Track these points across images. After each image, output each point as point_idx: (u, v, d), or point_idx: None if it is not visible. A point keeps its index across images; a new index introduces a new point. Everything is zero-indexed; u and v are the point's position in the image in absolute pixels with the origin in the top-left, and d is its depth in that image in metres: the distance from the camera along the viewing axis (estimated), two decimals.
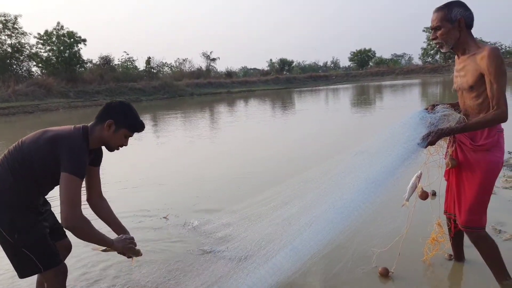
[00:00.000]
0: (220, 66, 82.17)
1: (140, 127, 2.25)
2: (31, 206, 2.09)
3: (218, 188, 5.20)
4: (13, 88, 26.61)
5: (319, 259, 2.19)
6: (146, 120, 17.24)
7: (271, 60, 66.13)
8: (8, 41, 33.32)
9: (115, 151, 2.26)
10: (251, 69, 72.83)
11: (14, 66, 33.66)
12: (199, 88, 41.25)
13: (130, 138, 2.25)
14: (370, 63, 70.30)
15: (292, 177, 2.94)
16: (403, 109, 14.20)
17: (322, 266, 2.63)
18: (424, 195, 2.65)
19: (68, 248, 2.40)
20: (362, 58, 69.79)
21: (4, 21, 32.85)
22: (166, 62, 49.84)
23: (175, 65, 51.01)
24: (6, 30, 33.14)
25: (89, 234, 2.02)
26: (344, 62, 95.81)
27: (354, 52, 70.40)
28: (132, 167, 7.03)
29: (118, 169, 6.66)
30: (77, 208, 1.96)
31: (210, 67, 52.87)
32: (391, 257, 2.72)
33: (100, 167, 2.37)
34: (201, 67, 51.07)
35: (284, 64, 64.26)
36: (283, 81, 53.01)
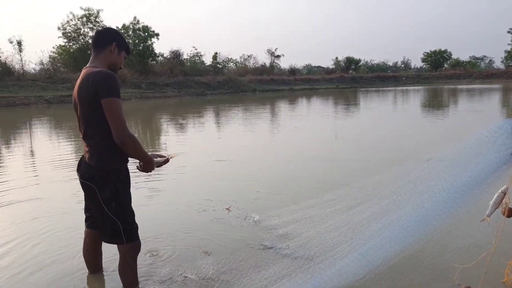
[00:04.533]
0: (284, 63, 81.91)
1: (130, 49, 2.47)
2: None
3: (279, 184, 5.17)
4: None
5: (388, 267, 2.08)
6: (210, 111, 17.73)
7: (336, 58, 64.52)
8: (90, 34, 35.90)
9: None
10: (315, 66, 71.75)
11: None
12: (261, 85, 41.56)
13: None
14: (445, 65, 65.91)
15: (359, 180, 2.83)
16: (480, 115, 13.19)
17: (392, 274, 2.48)
18: (509, 213, 2.40)
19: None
20: (437, 59, 65.59)
21: (87, 15, 35.51)
22: (231, 58, 50.87)
23: (240, 61, 51.89)
24: (88, 23, 35.80)
25: (139, 145, 2.20)
26: (416, 62, 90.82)
27: (427, 53, 66.46)
28: (197, 157, 7.23)
29: (183, 158, 6.90)
30: (126, 124, 2.14)
31: (274, 63, 53.03)
32: (469, 275, 2.49)
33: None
34: (265, 63, 51.43)
35: (351, 62, 62.44)
36: (348, 80, 51.65)
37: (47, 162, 7.03)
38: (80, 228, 3.41)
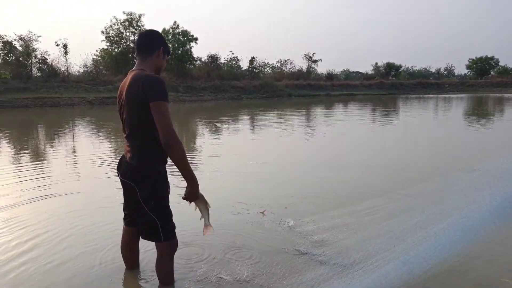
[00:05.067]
0: (321, 68, 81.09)
1: None
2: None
3: (314, 190, 5.08)
4: None
5: (431, 277, 1.97)
6: (246, 115, 17.82)
7: (376, 63, 63.08)
8: (131, 38, 37.17)
9: None
10: (353, 72, 70.68)
11: (135, 61, 37.21)
12: (297, 90, 41.39)
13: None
14: (492, 72, 62.87)
15: (400, 189, 2.73)
16: None
17: (434, 285, 2.36)
18: None
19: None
20: (482, 66, 62.67)
21: (130, 19, 36.77)
22: (268, 63, 50.97)
23: (276, 66, 51.88)
24: (130, 28, 37.04)
25: (183, 151, 2.15)
26: (460, 69, 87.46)
27: (473, 59, 63.75)
28: (231, 159, 7.27)
29: (218, 160, 6.95)
30: (173, 127, 2.13)
31: (311, 68, 52.64)
32: None
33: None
34: (301, 68, 51.16)
35: (391, 68, 60.84)
36: (387, 86, 50.45)
37: (88, 160, 7.31)
38: (113, 222, 3.57)
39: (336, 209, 3.92)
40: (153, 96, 2.12)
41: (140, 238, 2.57)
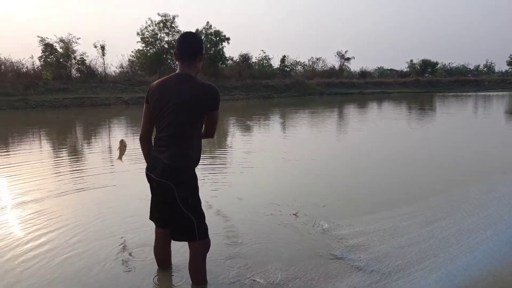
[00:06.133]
0: (354, 66, 79.46)
1: None
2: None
3: (349, 191, 4.98)
4: None
5: None
6: (277, 113, 17.75)
7: (411, 61, 61.21)
8: (166, 38, 37.92)
9: None
10: (387, 69, 68.92)
11: (169, 61, 38.12)
12: (329, 88, 40.87)
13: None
14: None
15: (439, 193, 2.62)
16: None
17: None
18: None
19: None
20: None
21: (164, 21, 37.52)
22: (299, 61, 50.52)
23: (308, 64, 51.38)
24: (165, 29, 37.78)
25: None
26: (501, 66, 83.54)
27: None
28: (264, 157, 7.26)
29: (251, 157, 6.95)
30: None
31: (344, 66, 51.83)
32: None
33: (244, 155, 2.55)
34: (334, 66, 50.43)
35: (427, 65, 58.95)
36: (423, 84, 48.90)
37: (124, 156, 7.49)
38: (134, 215, 3.66)
39: (372, 213, 3.83)
40: (215, 106, 2.41)
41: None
